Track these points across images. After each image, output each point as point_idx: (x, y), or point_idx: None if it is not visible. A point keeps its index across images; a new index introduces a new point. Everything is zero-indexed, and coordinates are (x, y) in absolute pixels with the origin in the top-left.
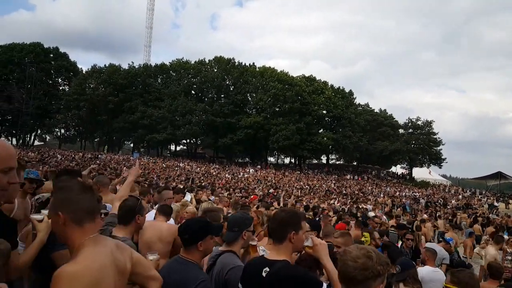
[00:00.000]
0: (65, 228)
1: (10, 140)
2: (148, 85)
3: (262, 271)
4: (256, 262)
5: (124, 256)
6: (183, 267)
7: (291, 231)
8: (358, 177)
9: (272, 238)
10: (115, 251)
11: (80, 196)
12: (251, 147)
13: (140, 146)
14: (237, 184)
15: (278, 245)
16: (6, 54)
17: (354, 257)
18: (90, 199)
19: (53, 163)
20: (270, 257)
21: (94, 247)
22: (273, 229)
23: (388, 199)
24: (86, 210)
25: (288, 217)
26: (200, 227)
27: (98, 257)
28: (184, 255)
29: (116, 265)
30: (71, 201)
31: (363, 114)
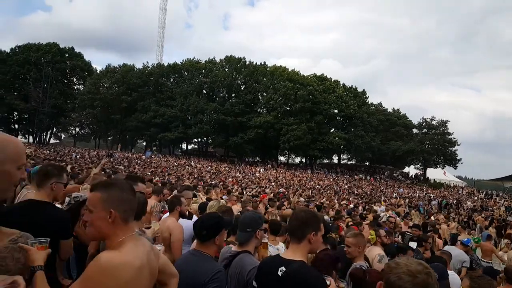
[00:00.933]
0: (112, 225)
1: (27, 138)
2: (160, 84)
3: (278, 270)
4: (271, 261)
5: (156, 259)
6: (200, 259)
7: (311, 231)
8: (371, 178)
9: (291, 237)
10: (150, 251)
11: (131, 196)
12: (262, 147)
13: (153, 144)
14: (248, 183)
15: (295, 245)
16: (23, 54)
17: (413, 271)
18: (135, 200)
19: (68, 160)
20: (286, 256)
21: (135, 245)
22: (293, 228)
23: (401, 200)
24: (133, 209)
25: (309, 218)
26: (216, 222)
27: (138, 254)
28: (200, 249)
29: (150, 265)
30: (124, 200)
31: (376, 114)
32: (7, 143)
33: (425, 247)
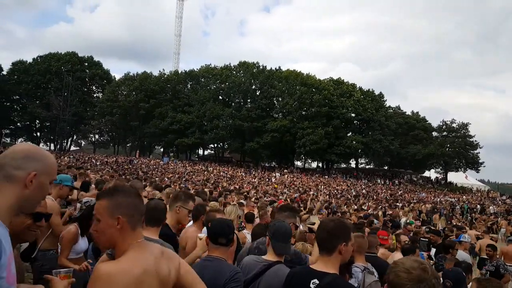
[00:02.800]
0: (120, 232)
1: (48, 146)
2: (177, 91)
3: (310, 282)
4: (303, 272)
5: (170, 265)
6: (216, 263)
7: (342, 242)
8: (389, 182)
9: (320, 248)
10: (160, 258)
11: (136, 201)
12: (278, 151)
13: (170, 150)
14: (264, 188)
15: (326, 257)
16: (44, 64)
17: (408, 268)
18: (142, 205)
19: (87, 167)
20: (318, 268)
21: (139, 252)
22: (322, 240)
23: (422, 205)
24: (141, 215)
25: (338, 228)
26: (229, 226)
27: (140, 262)
28: (214, 254)
29: (158, 273)
30: (130, 205)
31: (394, 117)
32: (46, 156)
33: (452, 254)
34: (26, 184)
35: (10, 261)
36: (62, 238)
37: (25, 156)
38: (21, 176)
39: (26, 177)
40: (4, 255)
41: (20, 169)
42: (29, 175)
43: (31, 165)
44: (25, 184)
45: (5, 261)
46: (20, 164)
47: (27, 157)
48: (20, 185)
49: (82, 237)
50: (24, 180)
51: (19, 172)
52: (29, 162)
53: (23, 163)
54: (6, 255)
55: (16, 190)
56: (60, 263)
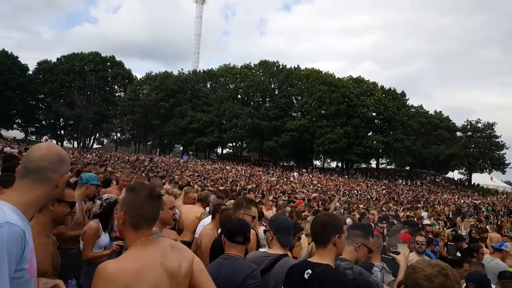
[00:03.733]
0: (124, 227)
1: (71, 143)
2: (197, 90)
3: (305, 273)
4: (299, 265)
5: (180, 258)
6: (233, 261)
7: (335, 234)
8: (411, 183)
9: (315, 242)
10: (168, 252)
11: (144, 203)
12: (296, 150)
13: (189, 149)
14: (282, 187)
15: (321, 249)
16: (68, 64)
17: (429, 275)
18: (153, 208)
19: (110, 165)
20: (314, 260)
21: (141, 248)
22: (316, 233)
23: (445, 207)
24: (145, 217)
25: (331, 221)
26: (246, 225)
27: (140, 258)
28: (231, 251)
29: (165, 266)
30: (134, 205)
31: (417, 116)
32: (68, 158)
33: (478, 258)
34: (58, 185)
35: (31, 254)
36: (85, 234)
37: (59, 160)
38: (55, 178)
39: (59, 179)
40: (27, 248)
41: (56, 172)
42: (62, 178)
43: (63, 168)
44: (56, 184)
45: (27, 253)
46: (56, 168)
47: (61, 161)
48: (52, 186)
49: (104, 232)
50: (57, 181)
51: (55, 175)
52: (63, 165)
53: (59, 166)
54: (29, 248)
55: (48, 189)
56: (85, 258)
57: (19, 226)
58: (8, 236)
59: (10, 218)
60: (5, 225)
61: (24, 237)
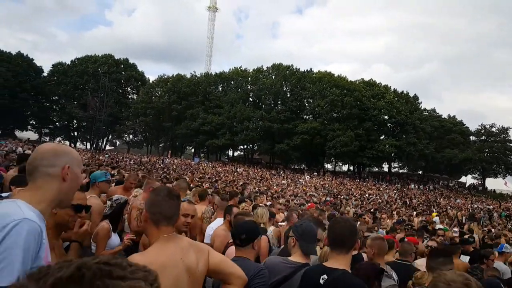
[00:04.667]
0: (146, 224)
1: (85, 145)
2: (208, 93)
3: (320, 278)
4: (314, 270)
5: (198, 256)
6: (241, 262)
7: (357, 239)
8: (424, 187)
9: (337, 247)
10: (187, 250)
11: (163, 202)
12: (308, 153)
13: (200, 151)
14: (293, 190)
15: (342, 255)
16: (81, 66)
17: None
18: (171, 206)
19: (122, 166)
20: (329, 265)
21: (163, 245)
22: (343, 237)
23: (458, 211)
24: (164, 214)
25: (355, 226)
26: (254, 227)
27: (163, 253)
28: (240, 254)
29: (185, 263)
30: (154, 203)
31: (429, 120)
32: (70, 150)
33: (487, 264)
34: (64, 178)
35: (47, 252)
36: (97, 235)
37: (54, 154)
38: (57, 172)
39: (61, 172)
40: (42, 246)
41: (54, 166)
42: (64, 169)
43: (62, 160)
44: (63, 178)
45: (42, 252)
46: (52, 162)
47: (56, 154)
48: (58, 180)
49: (114, 233)
50: (60, 174)
51: (54, 169)
52: (60, 158)
53: (55, 160)
54: (44, 246)
55: (55, 185)
56: None
57: (36, 223)
58: (27, 233)
59: (28, 214)
60: (24, 221)
61: (41, 234)
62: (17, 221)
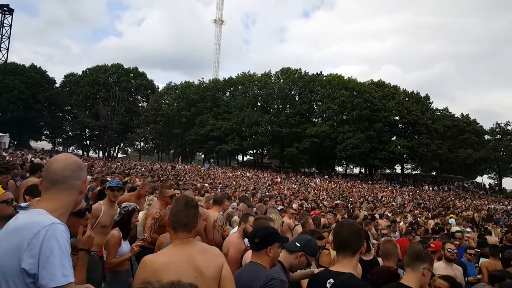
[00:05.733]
0: (168, 230)
1: (97, 153)
2: (217, 98)
3: (327, 282)
4: (322, 274)
5: (208, 260)
6: (254, 268)
7: (364, 243)
8: (438, 188)
9: (343, 250)
10: (197, 253)
11: (180, 210)
12: (318, 157)
13: (210, 156)
14: (304, 194)
15: (349, 258)
16: (92, 76)
17: None
18: (187, 215)
19: (132, 174)
20: (336, 269)
21: (176, 247)
22: (350, 240)
23: (474, 212)
24: (180, 222)
25: (362, 229)
26: (269, 233)
27: (172, 254)
28: (254, 260)
29: (192, 264)
30: (173, 212)
31: (442, 120)
32: (83, 164)
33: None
34: (82, 191)
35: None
36: (108, 243)
37: (79, 168)
38: (79, 185)
39: (82, 185)
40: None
41: (78, 180)
42: (85, 183)
43: (83, 174)
44: (80, 190)
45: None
46: (78, 175)
47: (81, 168)
48: (77, 192)
49: (124, 240)
50: (80, 187)
51: (78, 182)
52: (82, 172)
53: (80, 174)
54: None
55: (74, 196)
56: (109, 265)
57: (63, 225)
58: (61, 234)
59: (53, 219)
60: (54, 225)
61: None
62: (47, 226)
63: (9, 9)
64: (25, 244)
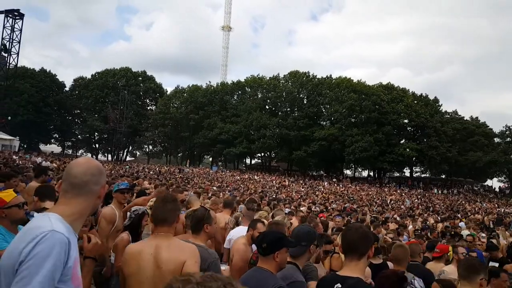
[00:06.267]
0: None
1: (106, 156)
2: (225, 102)
3: (334, 287)
4: (328, 278)
5: (170, 255)
6: (260, 275)
7: (371, 246)
8: (447, 192)
9: (350, 253)
10: (161, 247)
11: (158, 206)
12: (326, 160)
13: (218, 159)
14: (312, 198)
15: (355, 261)
16: (101, 79)
17: None
18: (164, 211)
19: (142, 177)
20: (343, 273)
21: (150, 240)
22: (356, 243)
23: (485, 216)
24: (157, 217)
25: (369, 232)
26: (277, 237)
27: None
28: (261, 265)
29: (156, 258)
30: (153, 208)
31: (451, 123)
32: (103, 168)
33: None
34: (100, 195)
35: (76, 264)
36: (116, 246)
37: (99, 172)
38: (98, 190)
39: (101, 190)
40: (71, 257)
41: (98, 184)
42: (104, 188)
43: (103, 179)
44: (99, 195)
45: (71, 263)
46: (98, 180)
47: (101, 173)
48: (95, 197)
49: None
50: (99, 192)
51: (97, 187)
52: (102, 177)
53: (100, 178)
54: (73, 257)
55: (92, 201)
56: (117, 269)
57: (63, 234)
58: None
59: (56, 227)
60: (51, 233)
61: (69, 246)
62: (45, 232)
63: (20, 14)
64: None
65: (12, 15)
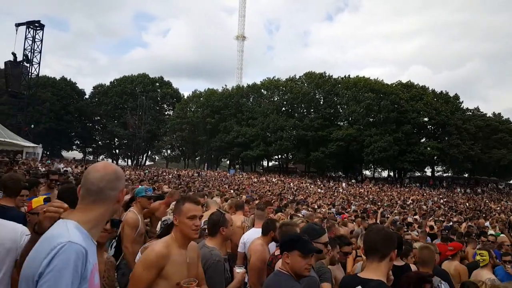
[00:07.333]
0: None
1: (126, 161)
2: (241, 105)
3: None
4: (348, 281)
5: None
6: (277, 277)
7: (394, 249)
8: (471, 191)
9: (371, 255)
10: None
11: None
12: (344, 160)
13: (236, 162)
14: (331, 199)
15: (376, 263)
16: (120, 86)
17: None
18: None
19: (160, 181)
20: (365, 276)
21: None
22: (377, 245)
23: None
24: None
25: (392, 234)
26: (287, 239)
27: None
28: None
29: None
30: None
31: (473, 120)
32: (123, 173)
33: None
34: (119, 200)
35: (94, 271)
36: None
37: (116, 178)
38: (115, 195)
39: (119, 195)
40: (88, 266)
41: (115, 190)
42: (122, 192)
43: (121, 184)
44: (117, 200)
45: (88, 272)
46: (114, 185)
47: (118, 178)
48: (113, 202)
49: None
50: (117, 197)
51: (114, 192)
52: (120, 182)
53: (117, 184)
54: (90, 266)
55: (110, 207)
56: None
57: (80, 245)
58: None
59: (73, 237)
60: (68, 244)
61: (86, 255)
62: (62, 244)
63: (40, 25)
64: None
65: (33, 26)
